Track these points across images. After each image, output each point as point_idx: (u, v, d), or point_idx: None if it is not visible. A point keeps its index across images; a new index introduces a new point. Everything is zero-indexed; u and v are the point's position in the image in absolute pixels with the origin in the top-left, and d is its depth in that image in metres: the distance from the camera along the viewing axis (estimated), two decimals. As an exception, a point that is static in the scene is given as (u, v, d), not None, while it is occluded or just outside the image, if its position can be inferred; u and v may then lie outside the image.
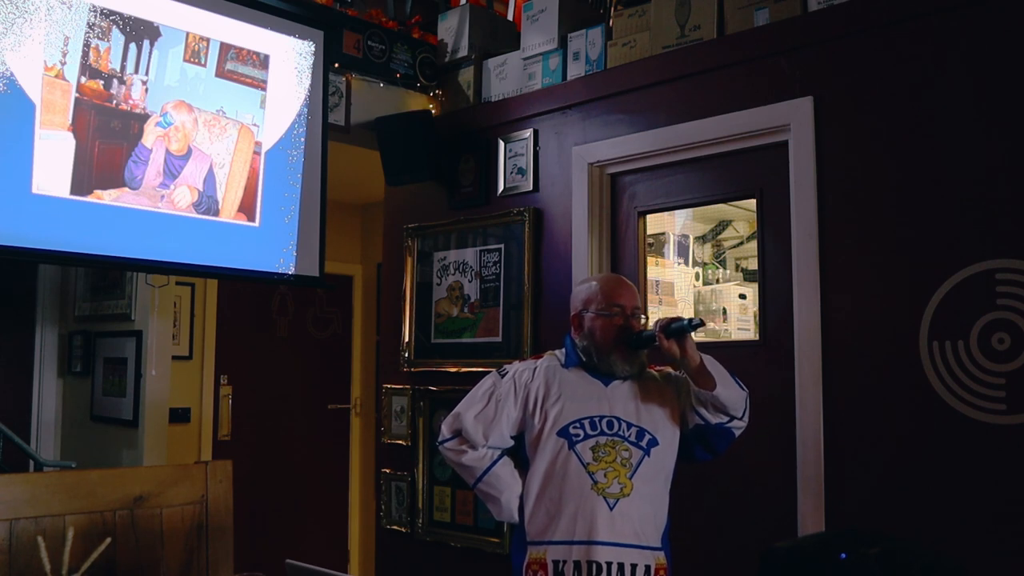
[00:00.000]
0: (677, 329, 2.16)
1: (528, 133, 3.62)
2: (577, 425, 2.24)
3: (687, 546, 2.98)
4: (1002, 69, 2.48)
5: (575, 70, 3.53)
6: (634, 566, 2.17)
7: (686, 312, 3.95)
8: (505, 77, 3.81)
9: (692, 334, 2.19)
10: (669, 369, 2.38)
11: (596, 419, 2.25)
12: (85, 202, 3.10)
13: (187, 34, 3.35)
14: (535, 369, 2.36)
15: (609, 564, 2.16)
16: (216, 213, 3.43)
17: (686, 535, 2.98)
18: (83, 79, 3.08)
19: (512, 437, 2.34)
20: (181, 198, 3.33)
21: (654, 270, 3.72)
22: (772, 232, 2.96)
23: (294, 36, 3.66)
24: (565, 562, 2.19)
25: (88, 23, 3.10)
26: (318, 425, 5.67)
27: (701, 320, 2.19)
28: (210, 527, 2.71)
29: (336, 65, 3.82)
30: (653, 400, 2.30)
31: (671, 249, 3.97)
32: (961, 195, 2.52)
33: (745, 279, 4.05)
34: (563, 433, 2.25)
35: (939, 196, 2.55)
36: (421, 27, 4.19)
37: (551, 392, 2.29)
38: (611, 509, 2.18)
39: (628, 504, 2.19)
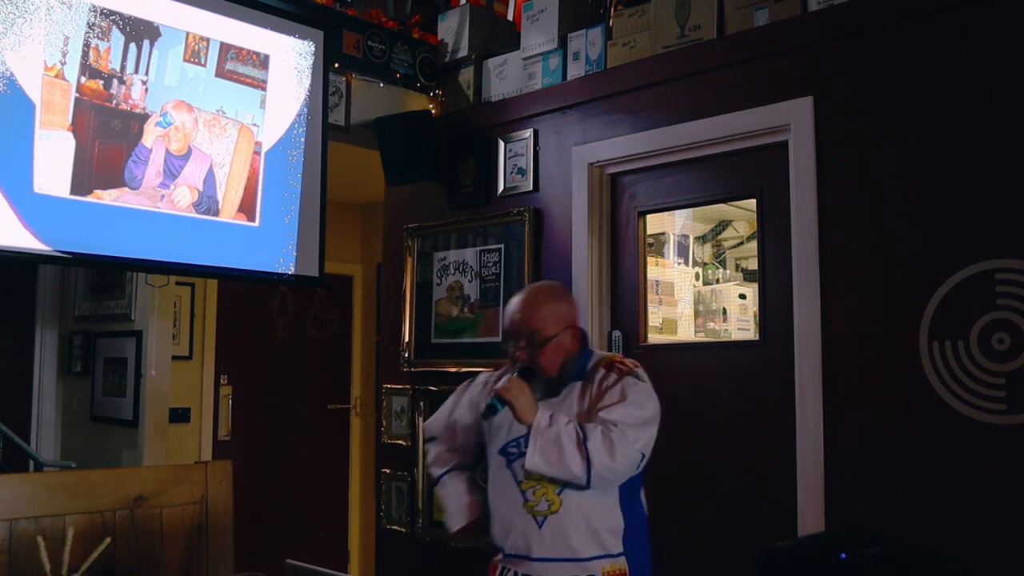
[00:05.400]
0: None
1: (528, 133, 3.62)
2: (514, 444, 2.23)
3: (687, 546, 2.99)
4: (1002, 69, 2.48)
5: (575, 70, 3.53)
6: None
7: (687, 312, 3.95)
8: (505, 77, 3.81)
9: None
10: (621, 381, 2.21)
11: (527, 438, 2.18)
12: (85, 202, 3.10)
13: (187, 34, 3.35)
14: (489, 380, 2.36)
15: None
16: (216, 213, 3.43)
17: (686, 535, 2.98)
18: (83, 79, 3.08)
19: (469, 440, 2.39)
20: (181, 198, 3.33)
21: (654, 270, 3.72)
22: (772, 232, 2.96)
23: (294, 36, 3.66)
24: (508, 570, 2.24)
25: (88, 23, 3.10)
26: (318, 425, 5.67)
27: (489, 407, 2.20)
28: (210, 527, 2.71)
29: (336, 65, 3.82)
30: (582, 414, 2.22)
31: (671, 249, 3.97)
32: (961, 195, 2.52)
33: (745, 279, 4.05)
34: (503, 451, 2.26)
35: (939, 196, 2.55)
36: (421, 27, 4.20)
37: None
38: (540, 527, 2.18)
39: (557, 521, 2.16)
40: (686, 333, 3.89)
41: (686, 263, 4.07)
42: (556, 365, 2.21)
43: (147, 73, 3.24)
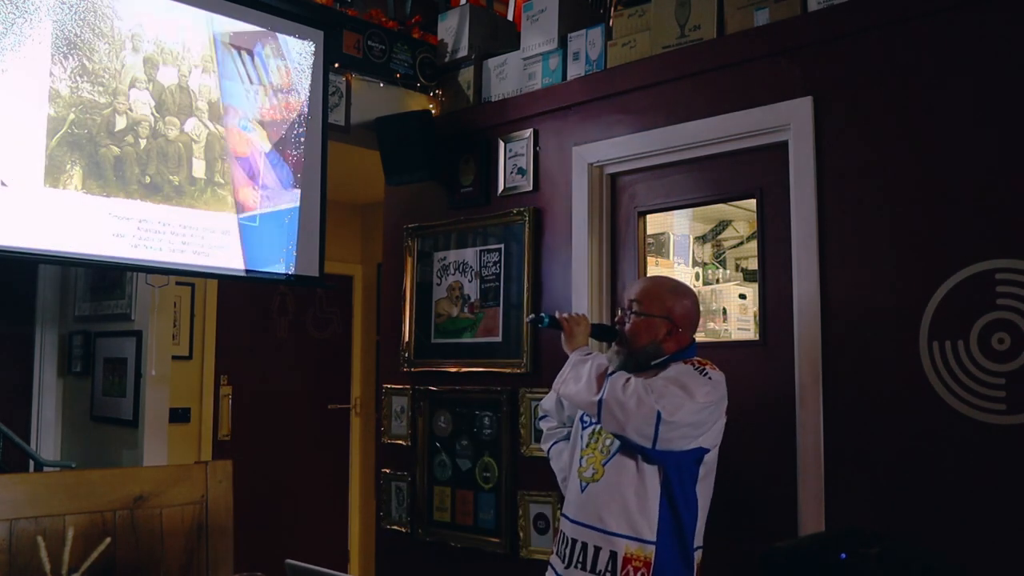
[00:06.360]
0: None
1: (528, 133, 3.62)
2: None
3: (687, 546, 2.98)
4: (1002, 69, 2.48)
5: (575, 70, 3.52)
6: (597, 548, 2.25)
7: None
8: (505, 77, 3.81)
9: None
10: (680, 367, 2.31)
11: None
12: (85, 202, 3.09)
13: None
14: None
15: (574, 541, 2.31)
16: (216, 213, 3.43)
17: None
18: (83, 79, 3.08)
19: (575, 414, 2.55)
20: (181, 198, 3.33)
21: (654, 270, 3.72)
22: (772, 232, 2.96)
23: (294, 36, 3.66)
24: (560, 531, 2.42)
25: (88, 23, 3.09)
26: (318, 425, 5.67)
27: (537, 317, 2.51)
28: (210, 527, 2.71)
29: (336, 65, 3.82)
30: None
31: (671, 249, 3.97)
32: (961, 195, 2.52)
33: (745, 279, 4.05)
34: (582, 419, 2.44)
35: (939, 196, 2.55)
36: (421, 27, 4.19)
37: None
38: (582, 491, 2.33)
39: (596, 488, 2.30)
40: (686, 333, 3.88)
41: (686, 263, 4.06)
42: (638, 340, 2.35)
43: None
